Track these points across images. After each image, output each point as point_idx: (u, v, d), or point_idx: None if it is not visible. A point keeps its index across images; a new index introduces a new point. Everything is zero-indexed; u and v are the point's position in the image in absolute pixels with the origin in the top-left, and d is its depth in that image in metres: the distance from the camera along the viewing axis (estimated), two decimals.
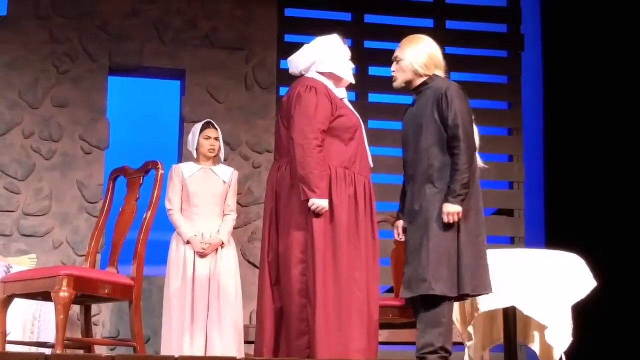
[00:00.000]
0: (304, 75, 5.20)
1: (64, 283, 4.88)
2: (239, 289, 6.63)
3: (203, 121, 6.91)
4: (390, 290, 7.43)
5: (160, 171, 5.34)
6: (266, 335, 5.02)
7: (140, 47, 8.02)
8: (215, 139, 6.81)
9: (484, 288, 5.00)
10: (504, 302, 5.51)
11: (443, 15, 8.81)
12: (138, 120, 8.69)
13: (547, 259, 5.60)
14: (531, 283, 5.47)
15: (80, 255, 7.54)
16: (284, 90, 6.28)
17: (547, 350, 5.72)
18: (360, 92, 8.36)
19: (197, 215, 6.68)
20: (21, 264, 6.28)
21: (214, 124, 6.89)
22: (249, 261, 7.82)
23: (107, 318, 7.61)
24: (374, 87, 8.44)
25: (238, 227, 7.40)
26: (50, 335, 5.89)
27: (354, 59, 5.33)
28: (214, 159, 6.85)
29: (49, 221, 7.69)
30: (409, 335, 5.78)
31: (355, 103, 6.84)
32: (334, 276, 4.93)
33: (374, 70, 8.48)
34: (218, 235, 6.63)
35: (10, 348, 5.32)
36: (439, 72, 5.14)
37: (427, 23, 8.74)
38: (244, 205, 7.88)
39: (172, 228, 6.68)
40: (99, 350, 6.03)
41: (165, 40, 8.08)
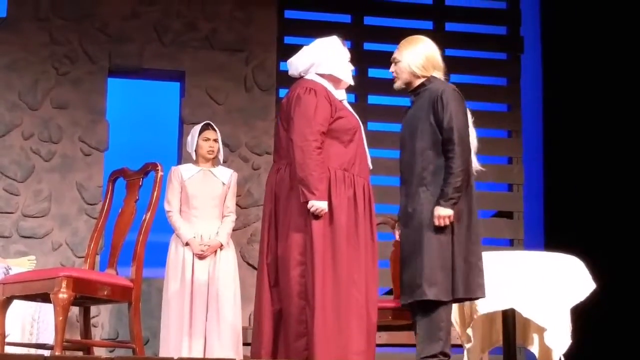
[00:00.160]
0: (303, 77, 5.19)
1: (63, 285, 4.88)
2: (238, 291, 6.63)
3: (202, 123, 6.91)
4: (389, 292, 7.43)
5: (160, 173, 5.33)
6: (265, 337, 5.00)
7: (140, 49, 8.02)
8: (214, 140, 6.81)
9: (476, 292, 4.96)
10: (503, 305, 5.51)
11: (443, 18, 8.82)
12: (138, 122, 8.70)
13: (547, 262, 5.60)
14: (530, 285, 5.47)
15: (79, 257, 7.54)
16: (284, 92, 6.27)
17: (547, 353, 5.71)
18: (359, 94, 8.36)
19: (196, 217, 6.67)
20: (20, 265, 6.27)
21: (213, 125, 6.88)
22: (248, 263, 7.82)
23: (106, 320, 7.60)
24: (374, 89, 8.45)
25: (237, 229, 7.39)
26: (49, 337, 5.89)
27: (353, 60, 5.32)
28: (213, 160, 6.84)
29: (49, 223, 7.69)
30: (408, 337, 5.78)
31: (355, 105, 6.81)
32: (333, 278, 4.91)
33: (373, 72, 8.49)
34: (217, 237, 6.63)
35: (10, 350, 5.31)
36: (437, 74, 5.12)
37: (427, 25, 8.74)
38: (243, 207, 7.87)
39: (172, 230, 6.67)
40: (98, 352, 6.01)
41: (165, 42, 8.08)
